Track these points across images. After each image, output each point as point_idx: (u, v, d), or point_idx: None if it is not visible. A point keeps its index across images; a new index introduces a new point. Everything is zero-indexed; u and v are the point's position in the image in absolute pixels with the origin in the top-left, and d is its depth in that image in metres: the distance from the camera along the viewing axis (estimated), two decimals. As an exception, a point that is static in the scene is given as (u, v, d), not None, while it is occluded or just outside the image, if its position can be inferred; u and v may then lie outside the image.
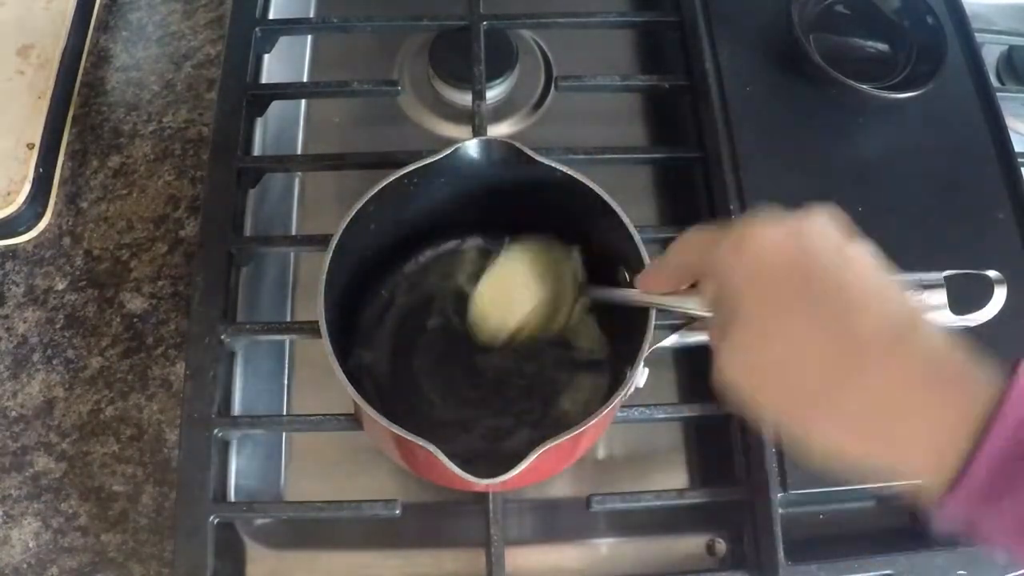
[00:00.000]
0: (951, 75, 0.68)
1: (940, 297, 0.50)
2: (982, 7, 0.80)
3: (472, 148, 0.53)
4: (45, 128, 0.66)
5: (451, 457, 0.43)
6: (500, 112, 0.74)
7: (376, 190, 0.51)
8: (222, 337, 0.56)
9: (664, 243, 0.66)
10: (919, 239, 0.63)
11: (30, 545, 0.56)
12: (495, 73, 0.72)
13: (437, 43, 0.74)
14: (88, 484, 0.57)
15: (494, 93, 0.73)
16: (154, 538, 0.56)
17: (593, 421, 0.46)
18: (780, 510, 0.54)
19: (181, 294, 0.63)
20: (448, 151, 0.52)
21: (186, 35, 0.75)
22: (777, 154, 0.66)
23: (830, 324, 0.35)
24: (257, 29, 0.69)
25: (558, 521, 0.60)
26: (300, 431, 0.60)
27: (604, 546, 0.59)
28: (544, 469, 0.52)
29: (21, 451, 0.58)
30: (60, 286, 0.64)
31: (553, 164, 0.52)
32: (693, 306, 0.44)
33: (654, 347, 0.50)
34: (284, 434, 0.61)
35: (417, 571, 0.57)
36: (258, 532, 0.57)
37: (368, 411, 0.45)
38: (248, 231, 0.63)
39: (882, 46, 0.71)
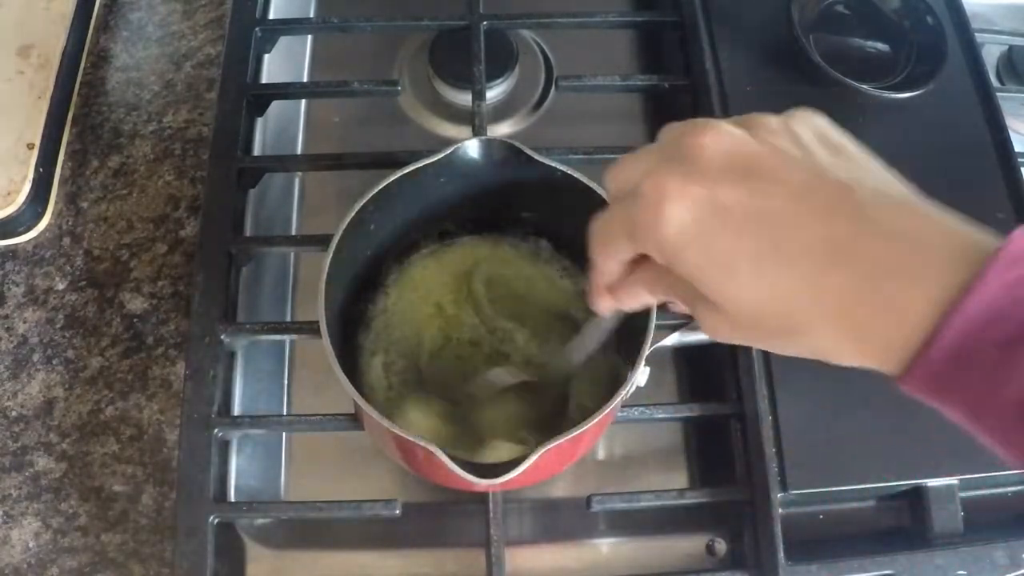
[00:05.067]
0: (951, 75, 0.68)
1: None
2: (982, 7, 0.80)
3: (472, 148, 0.53)
4: (45, 128, 0.66)
5: (451, 457, 0.43)
6: (500, 112, 0.74)
7: (376, 190, 0.51)
8: (222, 337, 0.56)
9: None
10: (919, 239, 0.63)
11: (30, 545, 0.56)
12: (495, 73, 0.72)
13: (437, 43, 0.74)
14: (88, 484, 0.57)
15: (494, 93, 0.73)
16: (154, 538, 0.56)
17: (593, 421, 0.45)
18: (780, 510, 0.54)
19: (181, 294, 0.63)
20: (448, 151, 0.52)
21: (186, 35, 0.75)
22: (777, 154, 0.66)
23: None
24: (257, 29, 0.69)
25: (558, 521, 0.60)
26: (300, 431, 0.59)
27: (604, 546, 0.59)
28: (545, 469, 0.52)
29: (21, 451, 0.58)
30: (60, 286, 0.64)
31: (553, 164, 0.52)
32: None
33: (654, 347, 0.50)
34: (284, 434, 0.61)
35: (417, 571, 0.57)
36: (258, 532, 0.57)
37: (368, 411, 0.45)
38: (248, 231, 0.63)
39: (882, 46, 0.71)
